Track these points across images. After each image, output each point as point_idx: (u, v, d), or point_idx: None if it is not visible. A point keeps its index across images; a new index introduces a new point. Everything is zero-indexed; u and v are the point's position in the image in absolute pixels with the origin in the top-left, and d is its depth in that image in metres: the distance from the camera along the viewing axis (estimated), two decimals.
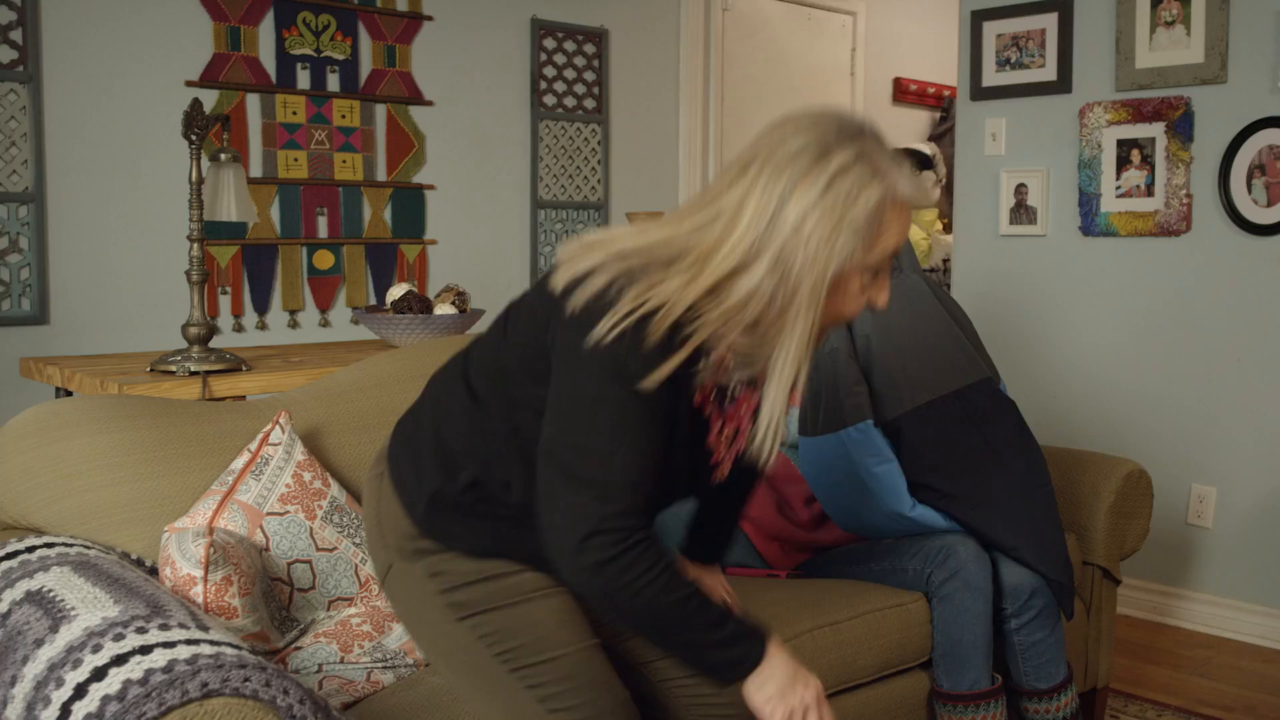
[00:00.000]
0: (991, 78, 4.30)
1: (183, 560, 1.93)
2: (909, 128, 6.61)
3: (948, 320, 2.75)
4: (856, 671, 2.39)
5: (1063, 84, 4.12)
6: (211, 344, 2.86)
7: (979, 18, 4.31)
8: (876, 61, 6.38)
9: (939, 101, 6.67)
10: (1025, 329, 4.25)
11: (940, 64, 6.51)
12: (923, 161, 5.41)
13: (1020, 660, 2.60)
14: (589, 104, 5.08)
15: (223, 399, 2.66)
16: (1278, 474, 3.73)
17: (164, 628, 1.55)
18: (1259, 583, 3.79)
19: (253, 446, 2.25)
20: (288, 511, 2.20)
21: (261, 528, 2.16)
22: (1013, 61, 4.24)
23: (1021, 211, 4.25)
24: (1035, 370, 4.23)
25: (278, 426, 2.29)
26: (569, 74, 5.00)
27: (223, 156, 2.86)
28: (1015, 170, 4.27)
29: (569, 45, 4.98)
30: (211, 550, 1.92)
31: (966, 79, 4.39)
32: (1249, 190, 3.71)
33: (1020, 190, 4.25)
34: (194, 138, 2.74)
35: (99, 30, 3.83)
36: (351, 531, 2.28)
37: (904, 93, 6.51)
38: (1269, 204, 3.68)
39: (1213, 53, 3.75)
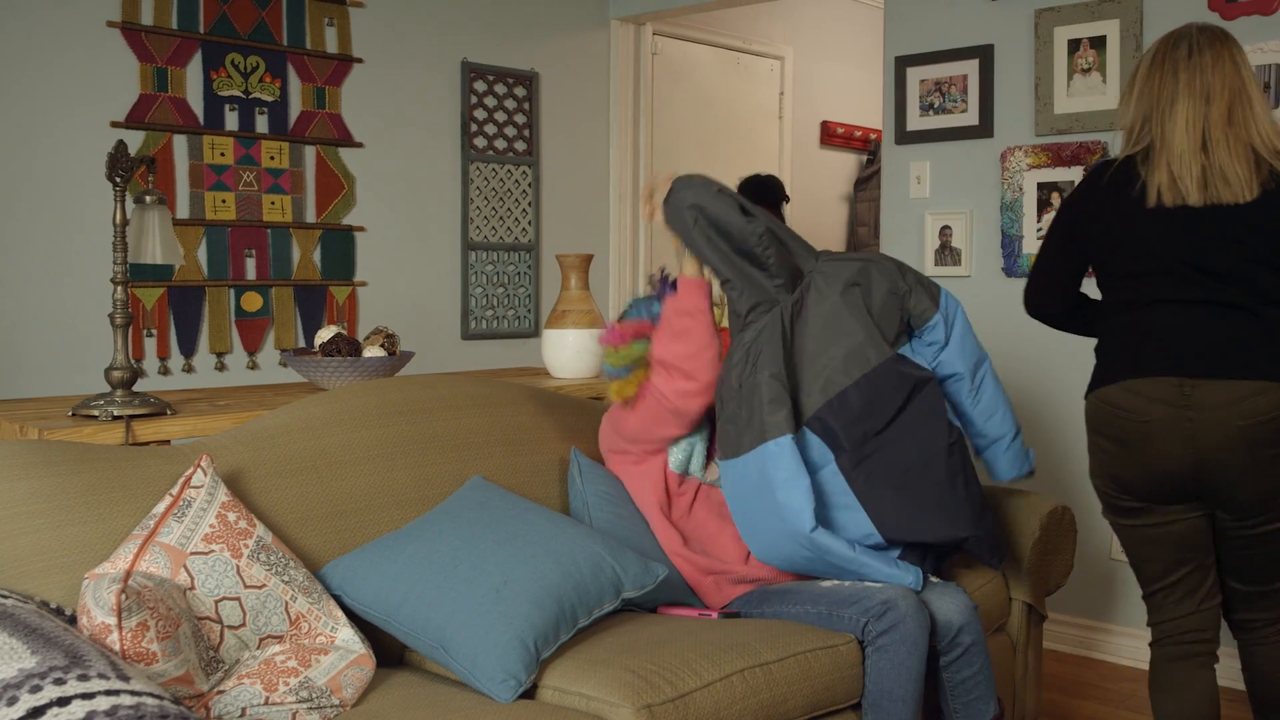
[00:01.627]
0: (916, 122, 4.38)
1: (96, 608, 1.89)
2: (837, 170, 6.70)
3: (848, 314, 2.78)
4: (787, 712, 2.40)
5: (984, 128, 4.21)
6: (136, 387, 2.81)
7: (903, 63, 4.40)
8: (804, 105, 6.47)
9: (866, 145, 6.77)
10: None
11: (867, 108, 6.62)
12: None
13: (950, 698, 2.61)
14: (520, 146, 5.10)
15: (146, 444, 2.62)
16: None
17: (83, 678, 1.52)
18: None
19: (174, 491, 2.22)
20: (212, 550, 2.18)
21: (185, 567, 2.14)
22: (936, 106, 4.33)
23: (946, 253, 4.33)
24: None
25: (199, 470, 2.26)
26: (500, 116, 5.02)
27: (148, 199, 2.83)
28: (939, 212, 4.34)
29: (500, 88, 5.00)
30: (124, 596, 1.89)
31: (891, 123, 4.47)
32: None
33: (945, 232, 4.33)
34: (118, 179, 2.72)
35: (22, 70, 3.79)
36: (280, 570, 2.26)
37: (831, 136, 6.61)
38: None
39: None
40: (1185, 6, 3.75)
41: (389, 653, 2.52)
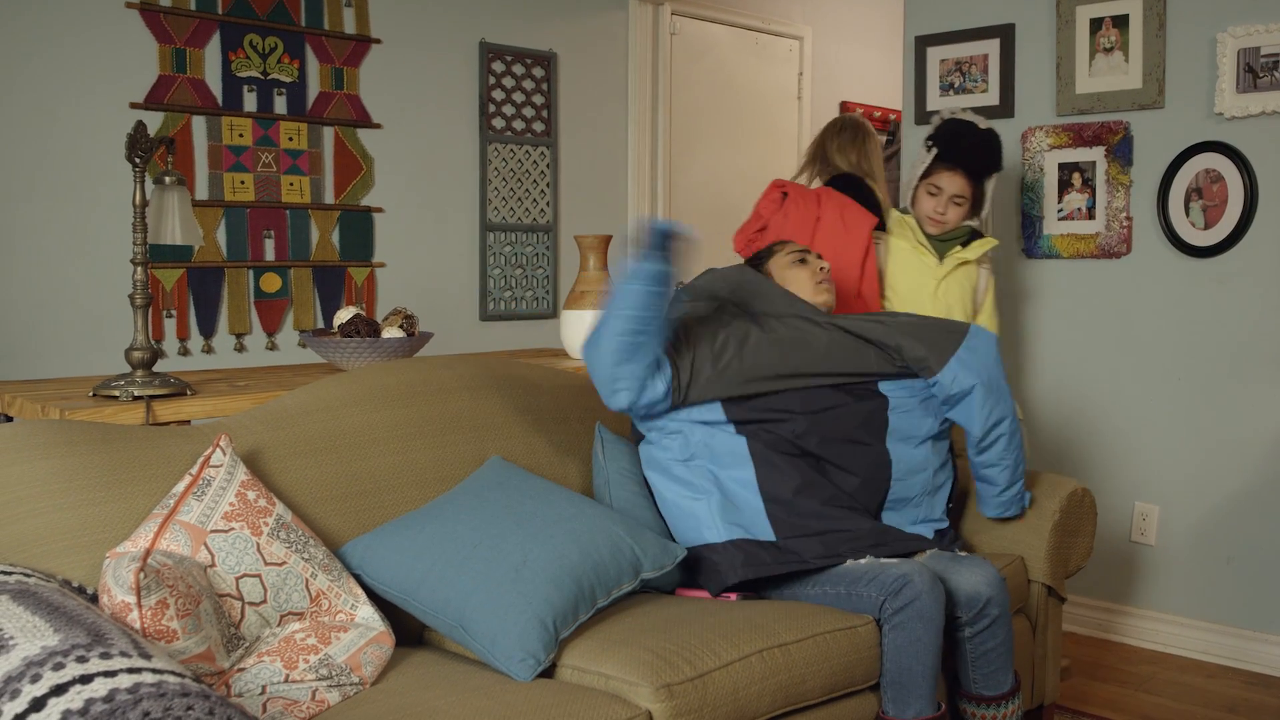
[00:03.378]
0: (936, 102, 4.35)
1: (116, 587, 1.90)
2: None
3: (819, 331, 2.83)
4: (805, 693, 2.40)
5: (1005, 108, 4.18)
6: (155, 368, 2.82)
7: (923, 43, 4.37)
8: (823, 85, 6.44)
9: (885, 125, 6.74)
10: None
11: (886, 88, 6.58)
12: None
13: (970, 668, 2.63)
14: (538, 127, 5.09)
15: (166, 424, 2.63)
16: (1218, 491, 3.78)
17: (105, 656, 1.53)
18: (1201, 599, 3.85)
19: (194, 470, 2.23)
20: (232, 529, 2.19)
21: (206, 545, 2.15)
22: (956, 86, 4.30)
23: None
24: None
25: (218, 449, 2.27)
26: (518, 97, 5.01)
27: (167, 179, 2.84)
28: None
29: (518, 68, 4.99)
30: (143, 575, 1.90)
31: (911, 103, 4.44)
32: (1187, 213, 3.78)
33: None
34: (138, 160, 2.72)
35: (42, 52, 3.80)
36: (299, 547, 2.26)
37: None
38: (1206, 226, 3.75)
39: (1150, 78, 3.82)
40: None
41: (408, 632, 2.53)
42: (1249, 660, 3.77)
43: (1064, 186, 4.04)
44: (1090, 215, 3.99)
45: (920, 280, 3.57)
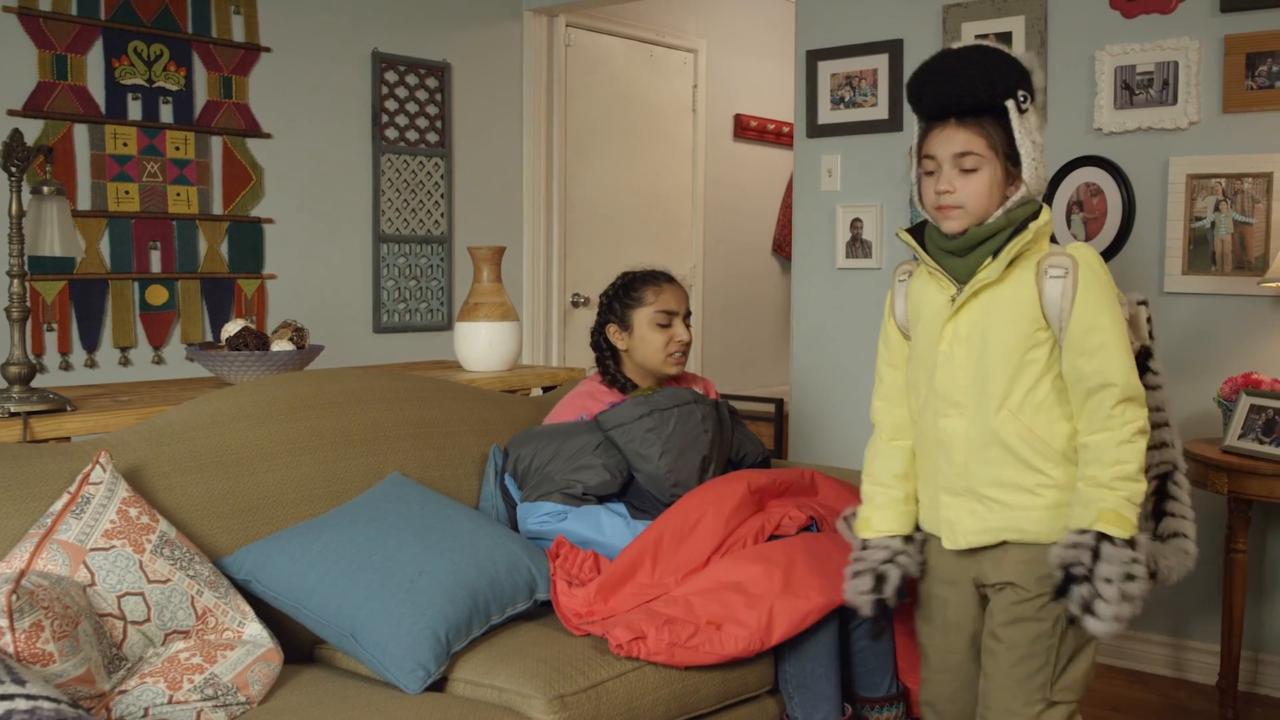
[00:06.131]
0: (827, 115, 4.42)
1: None
2: (750, 164, 6.74)
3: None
4: (699, 701, 2.41)
5: (894, 122, 4.26)
6: (34, 383, 2.74)
7: (814, 57, 4.44)
8: (718, 98, 6.49)
9: (779, 138, 6.82)
10: (860, 359, 4.36)
11: (779, 101, 6.66)
12: None
13: (854, 665, 2.63)
14: (431, 137, 5.05)
15: (45, 441, 2.56)
16: None
17: None
18: None
19: (72, 488, 2.17)
20: (113, 546, 2.13)
21: (85, 564, 2.09)
22: (847, 100, 4.37)
23: (857, 245, 4.37)
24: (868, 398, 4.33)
25: (98, 466, 2.22)
26: (411, 107, 4.97)
27: (45, 189, 2.76)
28: (850, 205, 4.39)
29: (411, 79, 4.96)
30: (15, 597, 1.84)
31: (803, 116, 4.50)
32: (1069, 225, 3.89)
33: (855, 225, 4.37)
34: (13, 169, 2.64)
35: None
36: (184, 564, 2.22)
37: (745, 129, 6.64)
38: (1087, 238, 3.85)
39: None
40: (1088, 5, 3.84)
41: (298, 649, 2.48)
42: (1130, 659, 3.88)
43: None
44: None
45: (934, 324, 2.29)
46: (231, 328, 3.14)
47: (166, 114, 4.22)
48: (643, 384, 3.06)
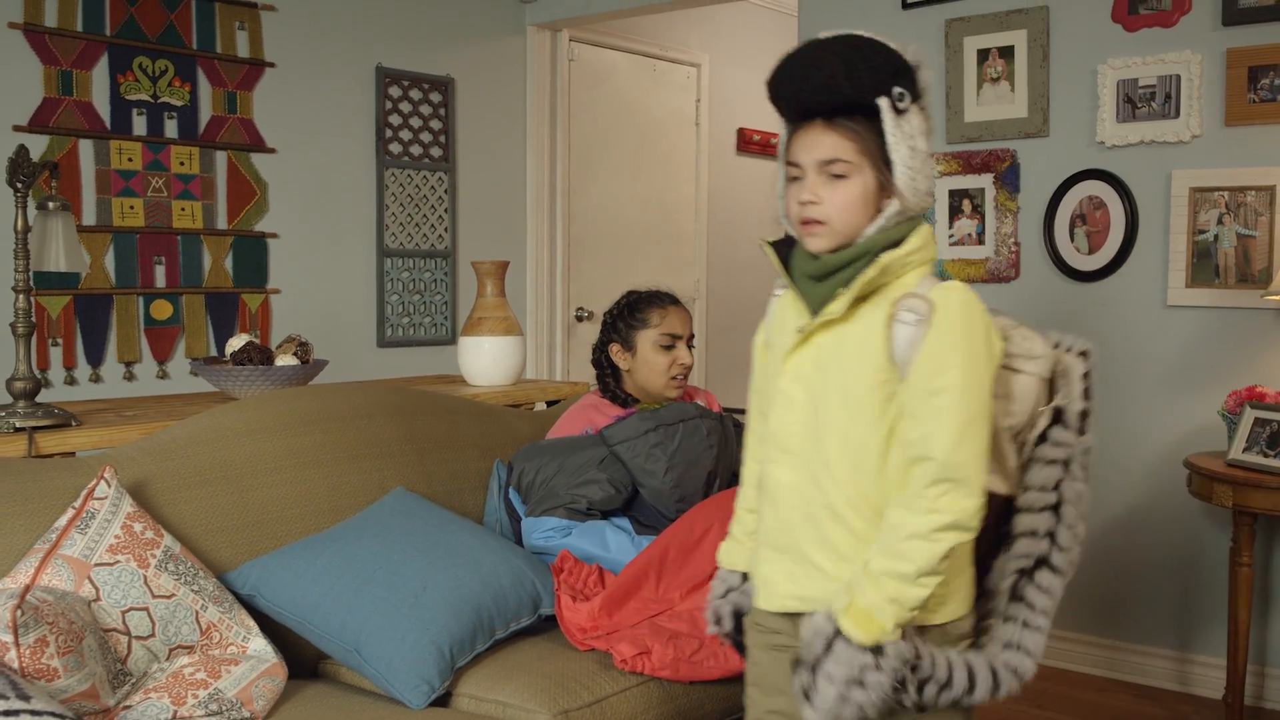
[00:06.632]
0: None
1: None
2: (754, 177, 6.74)
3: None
4: (703, 717, 2.40)
5: None
6: (39, 398, 2.74)
7: None
8: (721, 112, 6.51)
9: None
10: None
11: None
12: None
13: None
14: (435, 152, 5.06)
15: (50, 456, 2.56)
16: (1107, 510, 3.88)
17: None
18: (1092, 616, 3.94)
19: (77, 503, 2.17)
20: (118, 561, 2.13)
21: (90, 579, 2.09)
22: None
23: None
24: None
25: (103, 481, 2.22)
26: (415, 122, 4.98)
27: (51, 205, 2.77)
28: None
29: (415, 94, 4.97)
30: (20, 612, 1.85)
31: None
32: (1071, 238, 3.89)
33: None
34: (19, 185, 2.65)
35: None
36: (189, 579, 2.22)
37: (748, 143, 6.65)
38: (1090, 251, 3.86)
39: (1035, 108, 3.93)
40: (1090, 19, 3.84)
41: (303, 664, 2.48)
42: (1135, 674, 3.87)
43: (955, 212, 4.13)
44: (980, 240, 4.08)
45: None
46: (236, 342, 3.14)
47: (171, 129, 4.24)
48: (644, 400, 3.07)
